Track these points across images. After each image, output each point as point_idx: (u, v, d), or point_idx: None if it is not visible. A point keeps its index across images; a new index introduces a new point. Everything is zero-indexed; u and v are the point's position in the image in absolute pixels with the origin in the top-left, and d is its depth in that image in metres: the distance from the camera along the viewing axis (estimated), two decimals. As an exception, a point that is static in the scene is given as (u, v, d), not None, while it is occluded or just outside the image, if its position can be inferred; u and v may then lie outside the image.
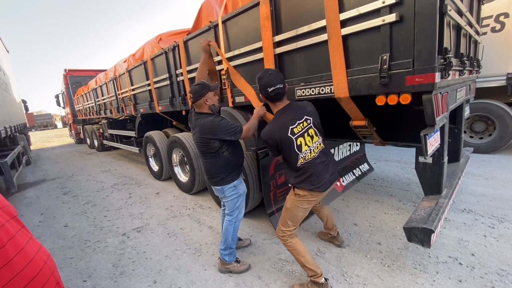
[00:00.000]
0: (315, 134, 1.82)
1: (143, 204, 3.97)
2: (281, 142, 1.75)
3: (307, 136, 1.78)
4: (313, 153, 1.79)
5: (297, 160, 1.77)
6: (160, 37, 4.25)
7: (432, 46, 1.43)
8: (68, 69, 11.46)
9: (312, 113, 1.86)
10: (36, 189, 5.43)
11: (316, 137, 1.82)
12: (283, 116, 1.80)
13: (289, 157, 1.79)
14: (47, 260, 1.06)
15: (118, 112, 6.32)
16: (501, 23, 4.24)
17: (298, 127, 1.76)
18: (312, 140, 1.79)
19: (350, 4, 1.72)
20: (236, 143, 2.14)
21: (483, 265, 2.03)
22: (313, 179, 1.78)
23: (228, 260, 2.21)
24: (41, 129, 35.37)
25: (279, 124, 1.78)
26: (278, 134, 1.75)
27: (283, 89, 1.79)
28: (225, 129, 1.97)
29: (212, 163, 2.09)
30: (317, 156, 1.80)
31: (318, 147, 1.82)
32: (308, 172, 1.77)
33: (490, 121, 4.74)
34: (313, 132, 1.81)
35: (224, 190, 2.13)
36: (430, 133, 1.68)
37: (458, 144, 3.11)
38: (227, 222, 2.20)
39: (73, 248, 2.90)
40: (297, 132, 1.75)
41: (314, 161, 1.78)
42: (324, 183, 1.80)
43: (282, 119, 1.79)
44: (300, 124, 1.77)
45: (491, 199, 3.07)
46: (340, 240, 2.41)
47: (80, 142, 12.70)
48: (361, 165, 4.22)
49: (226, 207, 2.22)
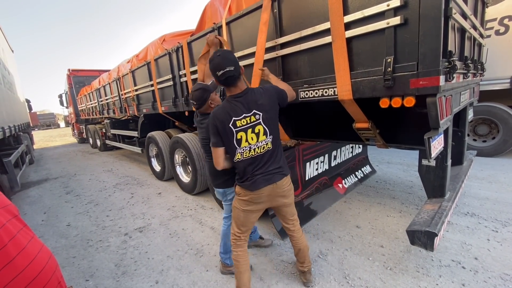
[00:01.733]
0: (263, 133, 1.62)
1: (145, 204, 3.98)
2: (222, 129, 1.61)
3: (251, 132, 1.60)
4: (253, 152, 1.63)
5: (235, 154, 1.64)
6: (164, 38, 4.27)
7: (436, 49, 1.43)
8: (71, 69, 11.55)
9: (265, 107, 1.63)
10: (39, 188, 5.46)
11: (264, 136, 1.62)
12: (232, 103, 1.63)
13: (229, 149, 1.66)
14: (49, 259, 1.06)
15: (121, 112, 6.35)
16: (506, 26, 4.23)
17: (242, 121, 1.59)
18: (257, 139, 1.61)
19: (354, 6, 1.72)
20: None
21: (487, 269, 2.02)
22: (245, 176, 1.66)
23: (230, 263, 2.20)
24: (44, 128, 35.58)
25: (225, 110, 1.62)
26: (220, 120, 1.61)
27: (234, 72, 1.57)
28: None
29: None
30: (257, 156, 1.64)
31: (264, 147, 1.64)
32: (242, 168, 1.66)
33: (494, 124, 4.71)
34: (261, 130, 1.61)
35: (226, 193, 2.11)
36: (434, 136, 1.68)
37: (461, 147, 3.09)
38: (225, 226, 2.18)
39: (75, 247, 2.91)
40: (239, 125, 1.59)
41: (252, 159, 1.64)
42: (255, 182, 1.64)
43: (230, 106, 1.63)
44: (246, 118, 1.60)
45: (494, 202, 3.05)
46: (309, 279, 2.00)
47: (82, 142, 12.77)
48: (364, 167, 4.21)
49: (225, 209, 2.20)
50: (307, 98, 2.12)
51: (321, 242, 2.57)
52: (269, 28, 2.29)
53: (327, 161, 3.54)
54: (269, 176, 1.67)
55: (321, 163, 3.44)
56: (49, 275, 1.03)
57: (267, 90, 1.69)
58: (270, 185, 1.68)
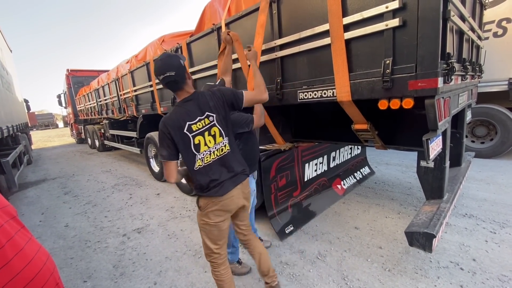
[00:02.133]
0: (220, 135, 1.57)
1: (143, 205, 3.97)
2: (176, 137, 1.50)
3: (208, 135, 1.54)
4: (214, 156, 1.56)
5: (195, 162, 1.53)
6: (163, 38, 4.27)
7: (435, 51, 1.44)
8: (70, 69, 11.52)
9: (217, 107, 1.57)
10: (37, 189, 5.44)
11: (220, 138, 1.57)
12: (183, 107, 1.55)
13: (187, 158, 1.54)
14: (47, 261, 1.05)
15: (119, 112, 6.33)
16: (503, 28, 4.25)
17: (197, 124, 1.52)
18: (214, 141, 1.55)
19: (353, 8, 1.72)
20: (248, 139, 2.05)
21: (485, 271, 2.03)
22: (211, 183, 1.54)
23: (230, 259, 2.20)
24: (43, 128, 35.46)
25: (177, 116, 1.53)
26: (174, 127, 1.51)
27: (176, 77, 1.50)
28: (237, 122, 1.89)
29: None
30: (218, 158, 1.57)
31: (222, 149, 1.58)
32: (205, 175, 1.54)
33: (492, 126, 4.73)
34: (217, 132, 1.56)
35: None
36: (432, 138, 1.68)
37: (459, 149, 3.11)
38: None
39: (73, 248, 2.90)
40: (195, 129, 1.51)
41: (214, 163, 1.56)
42: (223, 186, 1.55)
43: (181, 111, 1.54)
44: (201, 120, 1.53)
45: (492, 204, 3.06)
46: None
47: (81, 142, 12.73)
48: (362, 168, 4.22)
49: None
50: (306, 99, 2.12)
51: (319, 243, 2.57)
52: (268, 29, 2.29)
53: (326, 162, 3.54)
54: (235, 177, 1.61)
55: (320, 164, 3.44)
56: (47, 276, 1.02)
57: (214, 94, 1.61)
58: (238, 186, 1.61)
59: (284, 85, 2.29)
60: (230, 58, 2.41)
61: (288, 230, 2.74)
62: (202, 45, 3.18)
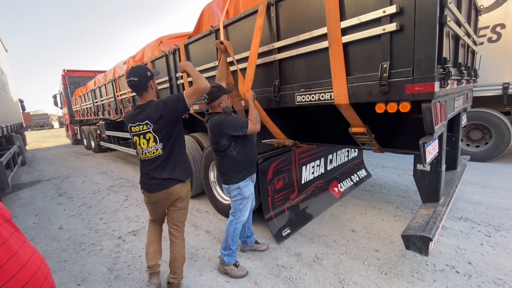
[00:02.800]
0: (153, 140, 1.82)
1: (139, 206, 3.93)
2: (127, 127, 1.90)
3: (142, 138, 1.83)
4: (145, 156, 1.86)
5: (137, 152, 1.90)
6: (161, 40, 4.26)
7: (431, 55, 1.45)
8: (66, 69, 11.44)
9: (155, 119, 1.79)
10: (31, 190, 5.36)
11: (153, 143, 1.82)
12: (133, 111, 1.88)
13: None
14: (41, 265, 1.04)
15: (116, 113, 6.30)
16: (498, 33, 4.32)
17: (136, 127, 1.83)
18: (147, 144, 1.83)
19: (351, 12, 1.74)
20: (245, 143, 2.13)
21: (480, 274, 2.04)
22: (143, 176, 1.92)
23: (226, 261, 2.20)
24: (38, 129, 35.09)
25: (128, 115, 1.89)
26: (126, 121, 1.90)
27: (137, 82, 1.80)
28: (231, 125, 1.99)
29: (222, 161, 2.12)
30: (150, 159, 1.85)
31: (154, 152, 1.84)
32: (142, 167, 1.92)
33: (487, 130, 4.79)
34: (151, 137, 1.81)
35: (230, 189, 2.15)
36: (428, 141, 1.70)
37: (455, 152, 3.13)
38: (228, 222, 2.22)
39: (67, 251, 2.86)
40: (133, 130, 1.84)
41: (145, 162, 1.87)
42: (146, 184, 1.90)
43: (131, 113, 1.88)
44: (139, 126, 1.82)
45: (487, 207, 3.09)
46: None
47: (76, 143, 12.61)
48: (359, 171, 4.23)
49: (231, 207, 2.23)
50: (304, 102, 2.12)
51: (316, 246, 2.56)
52: (266, 32, 2.30)
53: (323, 164, 3.55)
54: (163, 182, 1.85)
55: (317, 167, 3.45)
56: (41, 280, 1.01)
57: (158, 107, 1.80)
58: (164, 191, 1.86)
59: (282, 87, 2.30)
60: (225, 66, 2.48)
61: (285, 233, 2.73)
62: (200, 47, 3.18)
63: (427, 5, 1.42)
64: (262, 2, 2.23)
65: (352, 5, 1.73)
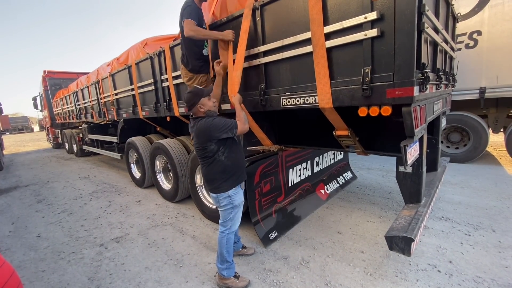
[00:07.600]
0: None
1: (123, 212, 3.82)
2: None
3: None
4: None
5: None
6: (146, 42, 4.19)
7: (410, 61, 1.50)
8: (47, 70, 11.03)
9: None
10: (7, 197, 5.10)
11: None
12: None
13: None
14: (10, 277, 0.98)
15: (99, 116, 6.12)
16: (474, 40, 4.52)
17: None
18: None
19: (334, 17, 1.77)
20: (234, 147, 2.07)
21: (461, 272, 2.10)
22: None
23: (226, 275, 2.09)
24: (16, 132, 33.59)
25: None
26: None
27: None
28: (219, 127, 1.92)
29: (209, 168, 2.02)
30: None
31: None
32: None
33: (465, 132, 4.99)
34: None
35: (219, 198, 2.04)
36: (409, 144, 1.74)
37: (435, 154, 3.23)
38: (220, 234, 2.10)
39: (45, 260, 2.73)
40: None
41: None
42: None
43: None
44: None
45: (466, 207, 3.20)
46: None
47: (58, 147, 12.15)
48: (345, 173, 4.30)
49: (221, 216, 2.12)
50: (289, 105, 2.13)
51: (303, 249, 2.57)
52: (252, 36, 2.30)
53: (310, 167, 3.58)
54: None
55: (303, 170, 3.47)
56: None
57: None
58: None
59: (267, 91, 2.30)
60: (220, 89, 2.51)
61: (272, 236, 2.73)
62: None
63: (406, 12, 1.47)
64: (248, 5, 2.23)
65: (336, 10, 1.76)
